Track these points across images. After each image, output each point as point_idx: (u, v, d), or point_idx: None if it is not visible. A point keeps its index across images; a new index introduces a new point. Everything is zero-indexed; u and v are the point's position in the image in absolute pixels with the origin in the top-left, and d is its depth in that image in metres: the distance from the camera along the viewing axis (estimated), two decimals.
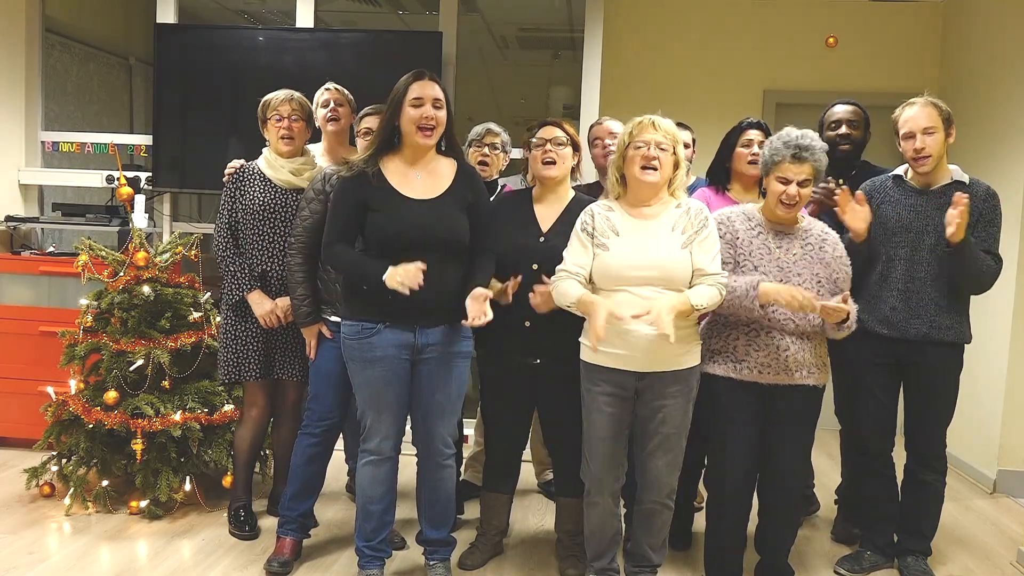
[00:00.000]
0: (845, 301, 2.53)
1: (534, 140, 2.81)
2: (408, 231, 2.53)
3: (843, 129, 3.20)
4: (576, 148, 2.85)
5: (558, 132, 2.79)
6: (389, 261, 2.48)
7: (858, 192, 2.82)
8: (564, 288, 2.56)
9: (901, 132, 2.87)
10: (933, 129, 2.80)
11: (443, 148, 2.69)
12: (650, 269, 2.48)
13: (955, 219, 2.68)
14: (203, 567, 2.90)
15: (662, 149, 2.53)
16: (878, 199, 2.94)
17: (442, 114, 2.60)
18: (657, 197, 2.60)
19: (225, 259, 3.02)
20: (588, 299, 2.49)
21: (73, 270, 3.51)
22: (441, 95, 2.60)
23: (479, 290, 2.52)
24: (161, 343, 3.29)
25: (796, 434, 2.71)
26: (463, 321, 2.50)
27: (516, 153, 3.64)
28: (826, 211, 3.05)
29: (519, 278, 2.69)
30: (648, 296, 2.48)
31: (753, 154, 3.03)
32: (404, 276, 2.42)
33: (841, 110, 3.24)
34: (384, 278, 2.45)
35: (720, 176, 3.13)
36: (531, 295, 2.67)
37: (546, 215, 2.82)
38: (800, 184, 2.58)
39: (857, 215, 2.81)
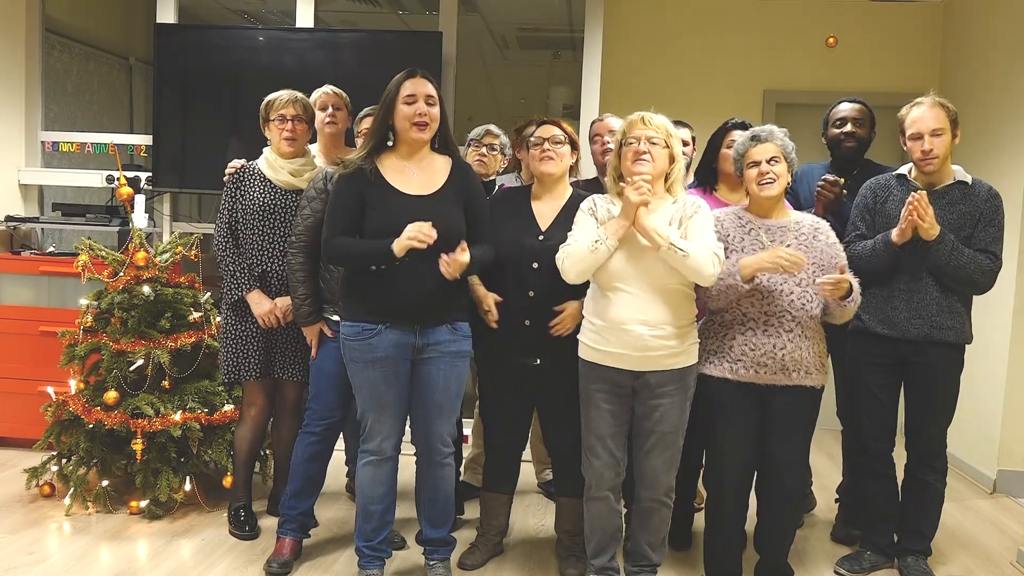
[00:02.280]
0: (843, 272, 2.53)
1: (532, 139, 2.82)
2: (405, 227, 2.53)
3: (848, 127, 3.19)
4: (574, 147, 2.86)
5: (556, 131, 2.79)
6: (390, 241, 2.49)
7: (922, 192, 2.77)
8: (575, 249, 2.54)
9: (908, 132, 2.85)
10: (941, 131, 2.79)
11: (437, 145, 2.70)
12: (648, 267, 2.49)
13: (906, 217, 2.70)
14: (203, 567, 2.90)
15: (653, 143, 2.54)
16: (881, 198, 2.93)
17: (435, 110, 2.60)
18: (653, 191, 2.60)
19: (225, 259, 3.02)
20: (613, 221, 2.51)
21: (73, 270, 3.51)
22: (434, 92, 2.60)
23: (463, 244, 2.51)
24: (161, 343, 3.29)
25: (794, 435, 2.71)
26: (441, 268, 2.49)
27: None
28: (831, 210, 3.05)
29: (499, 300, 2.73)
30: (644, 295, 2.48)
31: None
32: (415, 234, 2.43)
33: (847, 108, 3.23)
34: (393, 246, 2.46)
35: (708, 177, 3.14)
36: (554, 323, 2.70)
37: (545, 213, 2.82)
38: (769, 162, 2.62)
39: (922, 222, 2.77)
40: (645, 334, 2.50)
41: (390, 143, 2.66)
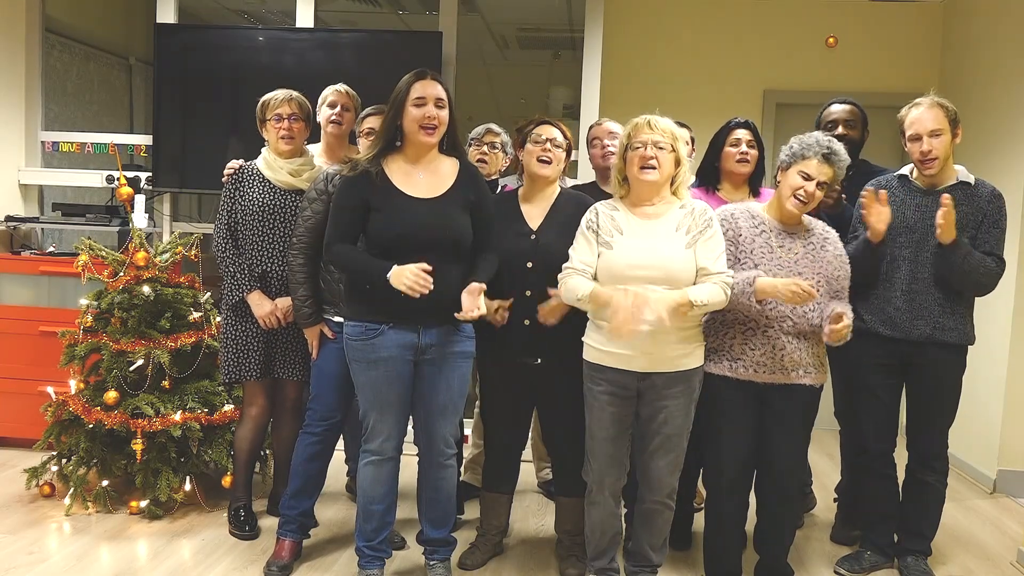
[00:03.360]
0: (840, 319, 2.53)
1: (531, 136, 2.81)
2: (410, 231, 2.53)
3: (840, 130, 3.17)
4: (569, 152, 2.86)
5: (557, 133, 2.79)
6: (392, 261, 2.48)
7: (881, 192, 2.79)
8: (573, 284, 2.55)
9: (907, 133, 2.84)
10: (940, 131, 2.78)
11: (445, 147, 2.69)
12: (654, 269, 2.49)
13: (939, 220, 2.69)
14: (203, 567, 2.90)
15: (660, 148, 2.53)
16: None
17: (444, 113, 2.60)
18: (659, 196, 2.60)
19: (225, 260, 3.02)
20: (602, 292, 2.49)
21: (73, 270, 3.51)
22: (443, 94, 2.59)
23: (474, 284, 2.53)
24: (161, 343, 3.29)
25: (793, 433, 2.71)
26: (456, 314, 2.51)
27: None
28: (830, 212, 3.04)
29: (510, 302, 2.71)
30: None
31: (741, 153, 3.04)
32: (412, 281, 2.42)
33: (838, 110, 3.22)
34: (389, 277, 2.45)
35: (710, 176, 3.14)
36: (540, 309, 2.69)
37: (534, 213, 2.83)
38: (819, 185, 2.59)
39: (881, 216, 2.79)
40: (651, 334, 2.50)
41: (397, 143, 2.65)
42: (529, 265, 2.74)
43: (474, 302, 2.50)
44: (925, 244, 2.84)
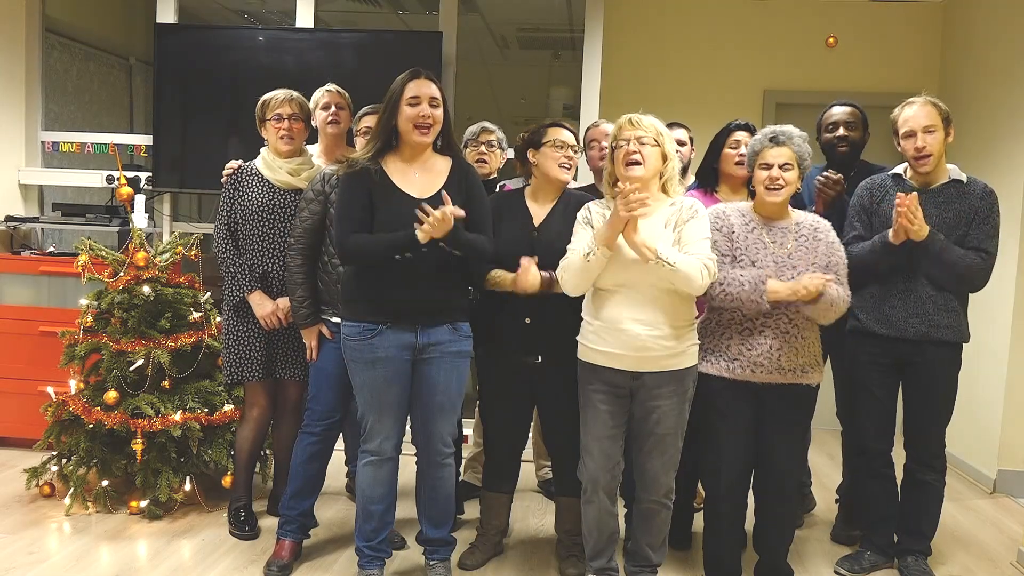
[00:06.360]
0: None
1: (551, 141, 2.80)
2: (407, 228, 2.53)
3: (840, 131, 3.18)
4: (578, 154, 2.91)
5: (574, 139, 2.83)
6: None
7: (912, 195, 2.77)
8: (571, 259, 2.55)
9: (901, 131, 2.86)
10: (933, 128, 2.80)
11: (439, 146, 2.69)
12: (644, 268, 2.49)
13: (902, 221, 2.69)
14: (203, 567, 2.90)
15: (643, 143, 2.54)
16: (878, 197, 2.93)
17: (439, 112, 2.60)
18: (648, 191, 2.59)
19: (225, 260, 3.02)
20: (600, 228, 2.49)
21: (73, 270, 3.51)
22: (438, 93, 2.60)
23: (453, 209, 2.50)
24: (161, 343, 3.29)
25: (791, 433, 2.71)
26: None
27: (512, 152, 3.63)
28: (831, 207, 3.04)
29: (535, 258, 2.66)
30: (641, 295, 2.49)
31: (741, 155, 3.04)
32: (437, 217, 2.43)
33: (839, 112, 3.22)
34: (417, 234, 2.45)
35: (709, 178, 3.14)
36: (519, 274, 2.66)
37: (539, 211, 2.84)
38: (782, 168, 2.61)
39: (915, 220, 2.75)
40: (642, 334, 2.50)
41: (393, 143, 2.65)
42: None
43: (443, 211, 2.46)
44: (920, 243, 2.83)
